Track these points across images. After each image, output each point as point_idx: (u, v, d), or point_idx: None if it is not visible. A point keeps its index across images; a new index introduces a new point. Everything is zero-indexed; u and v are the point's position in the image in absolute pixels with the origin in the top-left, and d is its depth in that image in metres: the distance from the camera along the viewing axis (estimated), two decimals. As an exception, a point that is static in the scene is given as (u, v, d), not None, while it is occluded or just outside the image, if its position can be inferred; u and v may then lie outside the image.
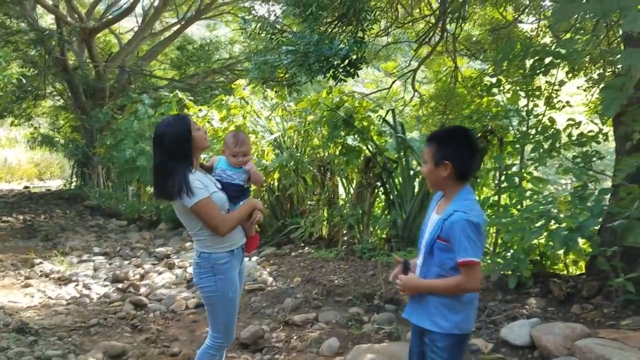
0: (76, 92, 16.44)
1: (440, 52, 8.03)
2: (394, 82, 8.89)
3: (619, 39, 6.02)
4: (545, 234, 4.11)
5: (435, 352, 2.37)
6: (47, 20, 19.27)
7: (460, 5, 7.09)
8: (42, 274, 7.00)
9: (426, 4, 7.56)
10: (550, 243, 4.35)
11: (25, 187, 20.74)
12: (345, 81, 4.87)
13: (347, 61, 4.73)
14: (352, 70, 4.71)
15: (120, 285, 6.07)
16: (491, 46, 7.91)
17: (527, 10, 7.13)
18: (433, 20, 7.50)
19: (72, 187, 17.35)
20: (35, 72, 16.63)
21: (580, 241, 4.41)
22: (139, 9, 18.13)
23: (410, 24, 7.84)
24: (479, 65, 8.55)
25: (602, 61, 5.39)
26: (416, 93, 8.67)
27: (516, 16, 7.43)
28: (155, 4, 17.30)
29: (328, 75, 4.80)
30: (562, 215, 4.33)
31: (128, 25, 20.74)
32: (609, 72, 5.36)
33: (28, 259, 7.57)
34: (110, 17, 17.55)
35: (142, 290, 5.92)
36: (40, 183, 23.73)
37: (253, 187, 3.90)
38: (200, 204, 2.83)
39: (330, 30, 5.87)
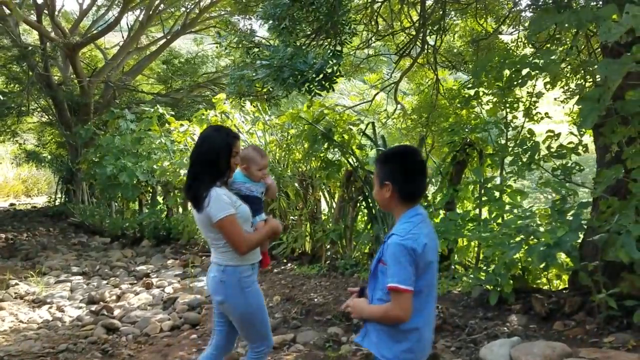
0: (60, 108, 16.30)
1: (422, 64, 7.97)
2: (376, 94, 8.82)
3: (597, 50, 5.98)
4: (525, 248, 4.00)
5: None
6: (33, 36, 19.17)
7: (440, 18, 7.04)
8: (16, 296, 6.81)
9: (406, 16, 7.50)
10: (529, 259, 4.24)
11: (11, 205, 20.49)
12: (321, 95, 4.77)
13: (321, 75, 4.64)
14: (327, 84, 4.61)
15: (94, 308, 5.88)
16: (472, 58, 7.86)
17: (506, 21, 7.08)
18: (414, 32, 7.44)
19: (57, 203, 17.13)
20: (19, 88, 16.50)
21: (562, 255, 4.32)
22: (124, 24, 18.07)
23: (391, 36, 7.78)
24: (465, 76, 8.50)
25: (582, 71, 5.33)
26: (399, 105, 8.60)
27: (496, 27, 7.39)
28: (140, 18, 17.24)
29: (303, 89, 4.71)
30: (542, 229, 4.23)
31: (115, 40, 20.66)
32: (589, 82, 5.29)
33: (4, 280, 7.38)
34: (95, 32, 17.45)
35: (117, 312, 5.74)
36: (27, 200, 23.48)
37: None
38: (226, 220, 2.82)
39: (308, 43, 5.80)
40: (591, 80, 6.09)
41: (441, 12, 7.00)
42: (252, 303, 2.97)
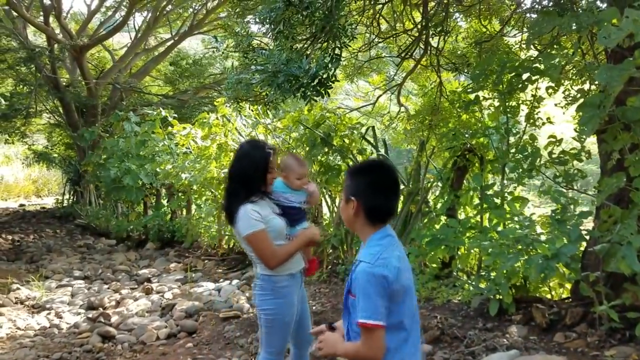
0: (68, 109, 16.34)
1: (425, 66, 7.85)
2: (379, 96, 8.71)
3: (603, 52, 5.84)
4: (525, 258, 3.88)
5: None
6: (41, 38, 19.25)
7: (442, 19, 6.92)
8: (17, 301, 6.81)
9: (409, 17, 7.38)
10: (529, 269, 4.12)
11: (21, 205, 20.62)
12: (316, 101, 4.68)
13: (317, 80, 4.55)
14: (322, 89, 4.52)
15: (92, 314, 5.84)
16: (475, 60, 7.73)
17: (510, 22, 6.94)
18: (416, 34, 7.32)
19: (65, 205, 17.20)
20: (27, 90, 16.57)
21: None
22: (132, 25, 18.08)
23: (393, 38, 7.66)
24: (468, 79, 8.35)
25: (586, 74, 5.19)
26: (402, 107, 8.49)
27: (499, 29, 7.24)
28: (148, 19, 17.24)
29: (298, 94, 4.62)
30: (542, 238, 4.11)
31: (123, 41, 20.69)
32: (594, 87, 5.16)
33: (6, 284, 7.38)
34: (102, 33, 17.48)
35: (114, 319, 5.70)
36: (37, 200, 23.64)
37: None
38: (253, 235, 2.86)
39: (306, 47, 5.71)
40: (596, 84, 5.94)
41: (444, 14, 6.88)
42: (278, 313, 2.97)
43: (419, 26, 7.07)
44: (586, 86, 5.15)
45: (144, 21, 17.71)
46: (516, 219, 4.39)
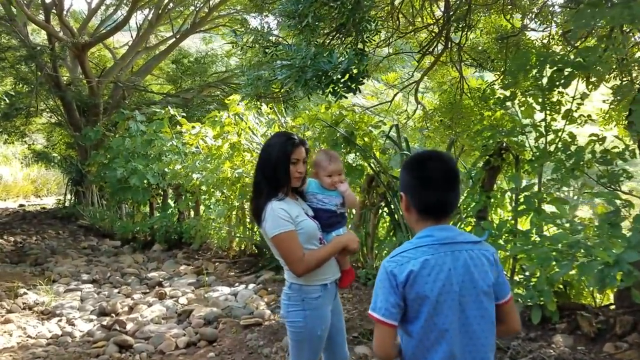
0: (69, 108, 16.07)
1: (444, 63, 7.62)
2: (396, 94, 8.47)
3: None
4: (577, 265, 3.64)
5: None
6: (41, 36, 18.95)
7: (465, 13, 6.69)
8: (25, 306, 6.54)
9: (429, 12, 7.15)
10: (573, 274, 3.89)
11: (21, 206, 20.35)
12: (346, 97, 4.44)
13: (347, 75, 4.31)
14: (353, 85, 4.28)
15: (105, 322, 5.59)
16: (497, 55, 7.50)
17: (537, 17, 6.70)
18: (436, 30, 7.09)
19: (66, 205, 16.93)
20: (28, 89, 16.28)
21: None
22: (134, 23, 17.83)
23: (413, 33, 7.42)
24: (486, 76, 8.13)
25: (630, 67, 4.92)
26: (419, 105, 8.25)
27: (524, 23, 7.02)
28: (149, 17, 16.99)
29: (327, 91, 4.38)
30: (588, 243, 3.87)
31: (123, 40, 20.42)
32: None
33: (13, 288, 7.12)
34: (103, 31, 17.21)
35: (129, 326, 5.44)
36: (36, 200, 23.37)
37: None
38: (281, 237, 2.60)
39: (328, 42, 5.48)
40: None
41: (466, 8, 6.65)
42: (308, 327, 2.69)
43: (441, 21, 6.84)
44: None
45: (146, 19, 17.45)
46: (558, 221, 4.15)
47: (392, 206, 6.39)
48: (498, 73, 7.24)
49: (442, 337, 1.81)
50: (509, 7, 7.03)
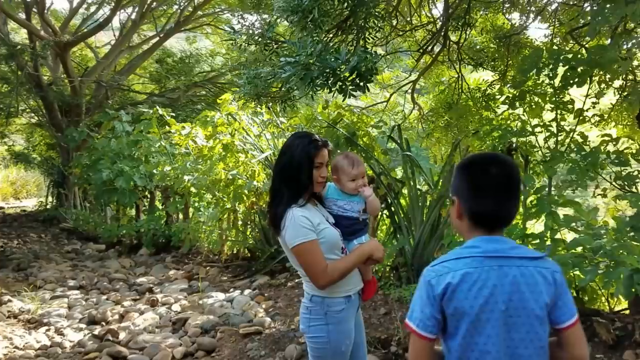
0: (51, 108, 15.69)
1: (442, 62, 7.48)
2: (392, 94, 8.32)
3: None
4: (602, 271, 3.51)
5: None
6: (21, 35, 18.45)
7: (464, 12, 6.56)
8: (10, 315, 6.24)
9: (428, 11, 7.01)
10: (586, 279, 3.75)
11: (0, 208, 19.81)
12: (355, 96, 4.26)
13: (356, 73, 4.13)
14: (362, 83, 4.10)
15: (97, 331, 5.32)
16: (494, 54, 7.39)
17: (538, 15, 6.60)
18: (435, 29, 6.96)
19: (48, 208, 16.51)
20: (8, 88, 15.83)
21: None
22: (116, 22, 17.47)
23: (410, 32, 7.27)
24: (481, 75, 8.00)
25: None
26: (416, 105, 8.11)
27: (523, 22, 6.92)
28: (133, 16, 16.66)
29: (334, 89, 4.19)
30: (607, 247, 3.74)
31: (105, 39, 20.02)
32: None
33: (-5, 296, 6.81)
34: (85, 30, 16.83)
35: (122, 336, 5.18)
36: (16, 202, 22.83)
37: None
38: (302, 246, 2.40)
39: (329, 39, 5.30)
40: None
41: (465, 7, 6.52)
42: (331, 342, 2.49)
43: (441, 19, 6.70)
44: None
45: (129, 18, 17.11)
46: (574, 225, 4.02)
47: (393, 208, 6.23)
48: (497, 73, 7.12)
49: (483, 359, 1.66)
50: (507, 5, 6.94)
